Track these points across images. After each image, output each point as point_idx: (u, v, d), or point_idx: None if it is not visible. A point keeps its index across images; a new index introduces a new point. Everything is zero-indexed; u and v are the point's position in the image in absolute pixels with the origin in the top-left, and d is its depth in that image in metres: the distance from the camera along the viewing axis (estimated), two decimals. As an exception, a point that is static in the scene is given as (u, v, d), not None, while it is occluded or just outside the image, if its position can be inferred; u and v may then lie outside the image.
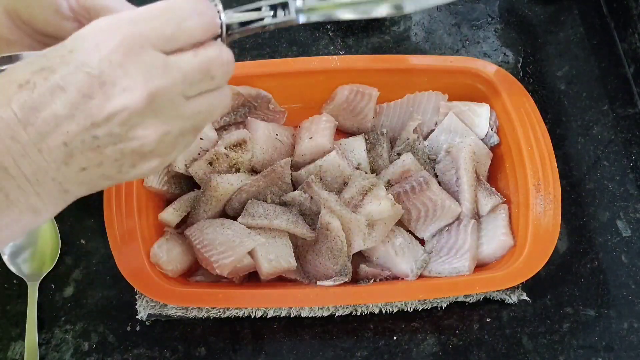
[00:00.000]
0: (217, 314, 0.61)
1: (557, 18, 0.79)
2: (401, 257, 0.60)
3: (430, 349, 0.62)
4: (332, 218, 0.58)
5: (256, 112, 0.68)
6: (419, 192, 0.62)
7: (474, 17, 0.79)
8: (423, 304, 0.62)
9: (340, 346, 0.62)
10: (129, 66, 0.30)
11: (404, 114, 0.69)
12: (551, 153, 0.62)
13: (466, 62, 0.67)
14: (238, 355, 0.61)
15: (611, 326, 0.63)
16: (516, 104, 0.64)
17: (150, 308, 0.61)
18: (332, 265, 0.59)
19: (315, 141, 0.64)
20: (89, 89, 0.30)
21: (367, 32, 0.78)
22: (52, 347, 0.61)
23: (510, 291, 0.63)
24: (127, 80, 0.30)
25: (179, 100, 0.33)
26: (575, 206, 0.68)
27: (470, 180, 0.63)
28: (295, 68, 0.66)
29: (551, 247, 0.59)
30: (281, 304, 0.60)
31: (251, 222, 0.59)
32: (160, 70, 0.31)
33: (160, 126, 0.32)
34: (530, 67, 0.76)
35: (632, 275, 0.65)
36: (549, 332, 0.63)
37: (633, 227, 0.68)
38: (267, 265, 0.57)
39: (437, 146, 0.67)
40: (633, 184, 0.70)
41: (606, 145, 0.72)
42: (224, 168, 0.63)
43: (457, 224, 0.63)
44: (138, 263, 0.58)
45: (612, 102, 0.74)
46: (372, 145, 0.67)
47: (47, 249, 0.64)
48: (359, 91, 0.67)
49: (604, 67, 0.76)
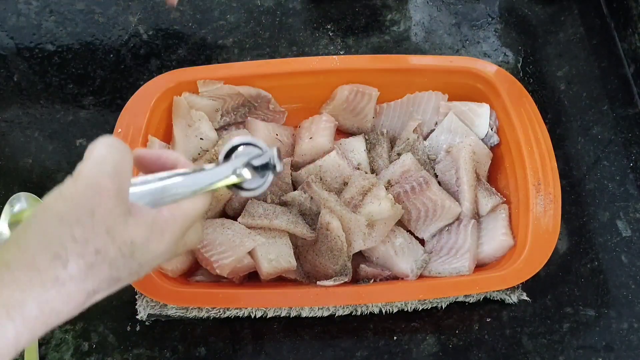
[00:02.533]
0: (217, 314, 0.61)
1: (557, 18, 0.79)
2: (401, 257, 0.60)
3: (430, 349, 0.62)
4: (332, 218, 0.58)
5: (256, 112, 0.68)
6: (419, 192, 0.62)
7: (474, 17, 0.80)
8: (423, 304, 0.62)
9: (340, 346, 0.62)
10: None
11: (404, 114, 0.69)
12: (551, 153, 0.62)
13: (466, 62, 0.67)
14: (238, 355, 0.61)
15: (611, 326, 0.63)
16: (516, 104, 0.64)
17: (150, 308, 0.61)
18: (332, 265, 0.59)
19: (315, 141, 0.64)
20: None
21: (367, 32, 0.78)
22: (52, 347, 0.61)
23: (510, 291, 0.63)
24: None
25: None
26: (575, 206, 0.68)
27: (470, 180, 0.63)
28: (295, 68, 0.66)
29: (551, 247, 0.59)
30: (281, 304, 0.59)
31: (251, 222, 0.59)
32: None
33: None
34: (530, 67, 0.76)
35: (632, 275, 0.65)
36: (549, 332, 0.63)
37: (633, 227, 0.68)
38: (267, 265, 0.57)
39: (437, 146, 0.67)
40: (633, 184, 0.70)
41: (606, 145, 0.72)
42: (224, 168, 0.63)
43: (457, 224, 0.63)
44: (138, 263, 0.57)
45: (612, 102, 0.74)
46: (372, 145, 0.67)
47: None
48: (359, 91, 0.67)
49: (604, 67, 0.76)
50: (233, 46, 0.76)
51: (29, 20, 0.76)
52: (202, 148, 0.63)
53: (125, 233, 0.34)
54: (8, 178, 0.68)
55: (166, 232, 0.36)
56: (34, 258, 0.31)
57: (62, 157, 0.70)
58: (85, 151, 0.36)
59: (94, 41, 0.75)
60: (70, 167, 0.69)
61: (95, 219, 0.33)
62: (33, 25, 0.76)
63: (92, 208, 0.33)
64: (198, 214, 0.40)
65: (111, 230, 0.33)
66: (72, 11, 0.77)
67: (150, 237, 0.35)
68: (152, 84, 0.63)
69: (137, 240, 0.34)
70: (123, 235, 0.34)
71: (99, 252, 0.33)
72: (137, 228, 0.35)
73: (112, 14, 0.77)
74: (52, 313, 0.32)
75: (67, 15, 0.77)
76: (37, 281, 0.31)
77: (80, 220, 0.32)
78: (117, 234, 0.33)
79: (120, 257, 0.34)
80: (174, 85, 0.63)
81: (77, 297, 0.33)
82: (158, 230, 0.36)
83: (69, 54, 0.75)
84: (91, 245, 0.32)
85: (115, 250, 0.33)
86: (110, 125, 0.70)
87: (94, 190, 0.33)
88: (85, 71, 0.74)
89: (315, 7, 0.79)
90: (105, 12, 0.77)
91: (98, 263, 0.33)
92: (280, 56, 0.76)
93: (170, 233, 0.37)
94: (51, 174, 0.69)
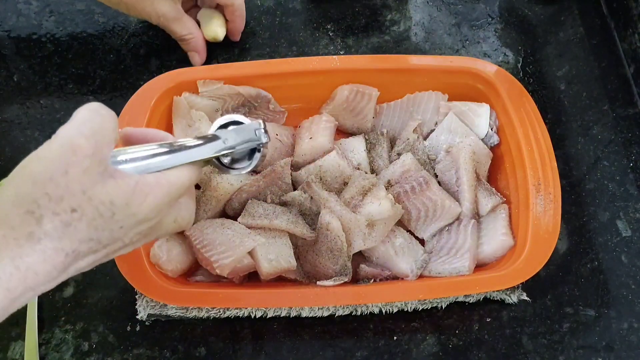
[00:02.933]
0: (217, 314, 0.61)
1: (557, 18, 0.79)
2: (401, 257, 0.60)
3: (430, 349, 0.62)
4: (332, 218, 0.58)
5: (256, 112, 0.68)
6: (419, 192, 0.62)
7: (474, 17, 0.79)
8: (423, 304, 0.62)
9: (340, 346, 0.62)
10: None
11: (404, 114, 0.69)
12: (551, 153, 0.62)
13: (466, 62, 0.67)
14: (238, 355, 0.61)
15: (611, 326, 0.63)
16: (516, 104, 0.64)
17: (150, 308, 0.61)
18: (332, 265, 0.59)
19: (315, 141, 0.64)
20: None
21: (367, 32, 0.78)
22: (52, 347, 0.61)
23: (510, 291, 0.63)
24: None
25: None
26: (575, 206, 0.68)
27: (470, 180, 0.63)
28: (295, 68, 0.66)
29: (551, 247, 0.59)
30: (281, 304, 0.60)
31: (251, 222, 0.59)
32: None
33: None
34: (530, 67, 0.76)
35: (632, 275, 0.65)
36: (549, 332, 0.63)
37: (633, 227, 0.68)
38: (267, 265, 0.57)
39: (437, 146, 0.67)
40: (633, 184, 0.70)
41: (606, 145, 0.72)
42: (224, 168, 0.63)
43: (457, 224, 0.63)
44: (138, 263, 0.58)
45: (612, 102, 0.74)
46: (372, 145, 0.67)
47: (47, 249, 0.64)
48: (359, 91, 0.67)
49: (604, 67, 0.76)
50: (233, 46, 0.76)
51: (29, 20, 0.76)
52: (202, 148, 0.63)
53: (104, 193, 0.33)
54: (8, 178, 0.68)
55: (149, 195, 0.36)
56: (7, 215, 0.32)
57: (62, 157, 0.70)
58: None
59: (94, 41, 0.75)
60: (70, 167, 0.70)
61: (69, 177, 0.32)
62: (33, 25, 0.76)
63: (66, 167, 0.33)
64: (184, 183, 0.39)
65: (87, 190, 0.33)
66: (72, 11, 0.77)
67: (131, 200, 0.35)
68: (152, 84, 0.63)
69: (116, 201, 0.34)
70: (101, 196, 0.33)
71: (74, 211, 0.32)
72: (117, 189, 0.34)
73: (112, 14, 0.77)
74: (29, 272, 0.32)
75: (67, 15, 0.77)
76: (10, 237, 0.31)
77: (53, 179, 0.32)
78: (94, 194, 0.33)
79: (99, 217, 0.33)
80: (174, 85, 0.63)
81: (54, 256, 0.32)
82: (140, 193, 0.36)
83: (69, 54, 0.75)
84: (66, 203, 0.32)
85: (92, 209, 0.33)
86: (110, 125, 0.70)
87: (68, 150, 0.33)
88: (85, 71, 0.74)
89: (315, 7, 0.79)
90: (105, 12, 0.77)
91: (75, 221, 0.33)
92: (280, 56, 0.76)
93: (153, 197, 0.36)
94: (51, 174, 0.69)
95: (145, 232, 0.38)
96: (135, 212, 0.35)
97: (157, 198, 0.37)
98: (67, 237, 0.33)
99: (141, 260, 0.58)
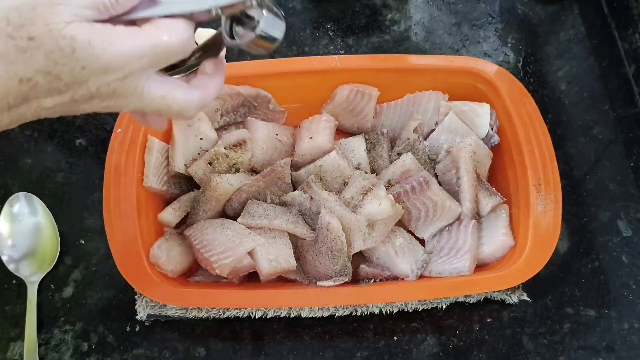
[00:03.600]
0: (217, 314, 0.61)
1: (558, 18, 0.79)
2: (401, 257, 0.60)
3: (431, 350, 0.62)
4: (332, 218, 0.58)
5: (256, 112, 0.68)
6: (419, 192, 0.61)
7: (475, 16, 0.79)
8: (423, 304, 0.62)
9: (340, 347, 0.62)
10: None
11: (404, 114, 0.68)
12: (552, 153, 0.62)
13: (467, 61, 0.67)
14: (238, 355, 0.61)
15: (612, 326, 0.63)
16: (517, 104, 0.64)
17: (150, 308, 0.61)
18: (332, 266, 0.59)
19: (315, 141, 0.64)
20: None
21: (367, 32, 0.78)
22: (52, 347, 0.61)
23: (510, 291, 0.63)
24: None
25: None
26: (576, 206, 0.68)
27: (471, 180, 0.63)
28: (295, 68, 0.66)
29: (552, 248, 0.58)
30: (281, 304, 0.59)
31: (251, 222, 0.59)
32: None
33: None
34: (530, 67, 0.76)
35: (633, 276, 0.65)
36: (550, 332, 0.63)
37: (634, 227, 0.67)
38: (267, 265, 0.57)
39: (437, 146, 0.67)
40: (634, 184, 0.70)
41: (607, 145, 0.72)
42: (224, 168, 0.63)
43: (457, 224, 0.63)
44: (138, 263, 0.57)
45: (612, 102, 0.74)
46: (372, 145, 0.67)
47: (46, 249, 0.64)
48: (359, 91, 0.67)
49: (605, 66, 0.76)
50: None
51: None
52: (202, 148, 0.63)
53: (66, 29, 0.33)
54: (8, 178, 0.68)
55: (117, 42, 0.35)
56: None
57: (61, 157, 0.70)
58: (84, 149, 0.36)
59: (93, 41, 0.75)
60: (70, 167, 0.69)
61: (35, 12, 0.33)
62: (33, 25, 0.76)
63: (35, 4, 0.33)
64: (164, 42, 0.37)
65: (49, 24, 0.33)
66: (71, 11, 0.77)
67: (95, 39, 0.34)
68: (151, 84, 0.63)
69: (78, 37, 0.33)
70: (62, 30, 0.33)
71: (32, 39, 0.33)
72: (81, 28, 0.34)
73: (111, 14, 0.77)
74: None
75: (66, 15, 0.77)
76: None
77: (19, 9, 0.33)
78: (56, 28, 0.33)
79: (58, 51, 0.33)
80: (173, 85, 0.63)
81: (7, 79, 0.33)
82: (107, 36, 0.35)
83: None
84: (24, 30, 0.33)
85: (51, 41, 0.33)
86: (110, 125, 0.70)
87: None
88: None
89: (315, 6, 0.79)
90: (105, 11, 0.77)
91: (31, 49, 0.33)
92: (280, 56, 0.76)
93: (121, 45, 0.35)
94: (51, 173, 0.69)
95: (114, 86, 0.37)
96: (98, 55, 0.34)
97: (125, 47, 0.35)
98: (21, 62, 0.33)
99: (141, 260, 0.58)
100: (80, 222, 0.67)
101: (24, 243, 0.64)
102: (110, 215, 0.58)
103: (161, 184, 0.62)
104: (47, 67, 0.33)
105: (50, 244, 0.65)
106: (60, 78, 0.34)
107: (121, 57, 0.35)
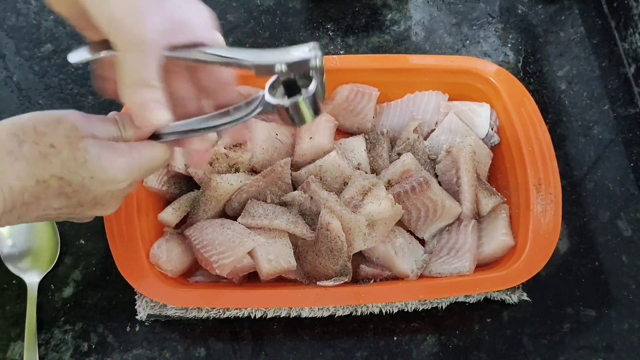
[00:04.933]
0: (217, 314, 0.61)
1: (558, 18, 0.79)
2: (401, 257, 0.60)
3: (431, 349, 0.62)
4: (332, 218, 0.58)
5: (256, 112, 0.68)
6: (419, 192, 0.61)
7: (475, 16, 0.79)
8: (423, 304, 0.62)
9: (340, 346, 0.62)
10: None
11: (404, 114, 0.68)
12: (552, 153, 0.62)
13: (467, 61, 0.67)
14: (238, 355, 0.61)
15: (612, 326, 0.63)
16: (517, 104, 0.64)
17: (149, 308, 0.61)
18: (332, 266, 0.59)
19: (315, 141, 0.64)
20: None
21: (367, 32, 0.78)
22: (52, 347, 0.61)
23: (510, 291, 0.63)
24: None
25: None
26: (576, 206, 0.68)
27: (471, 180, 0.63)
28: (295, 68, 0.66)
29: (552, 247, 0.58)
30: (281, 304, 0.59)
31: (251, 222, 0.59)
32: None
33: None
34: (530, 67, 0.76)
35: (633, 276, 0.65)
36: (550, 332, 0.63)
37: (634, 227, 0.67)
38: (267, 265, 0.57)
39: (437, 146, 0.67)
40: (634, 184, 0.70)
41: (607, 145, 0.72)
42: (224, 168, 0.63)
43: (457, 224, 0.63)
44: (138, 263, 0.57)
45: (612, 102, 0.74)
46: (372, 145, 0.67)
47: (46, 250, 0.64)
48: (359, 91, 0.67)
49: (605, 66, 0.76)
50: (233, 46, 0.76)
51: (28, 19, 0.76)
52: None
53: (82, 142, 0.39)
54: (7, 178, 0.68)
55: (121, 158, 0.41)
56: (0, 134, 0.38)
57: (61, 157, 0.70)
58: None
59: (93, 41, 0.75)
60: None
61: (59, 126, 0.39)
62: (32, 24, 0.76)
63: (60, 119, 0.39)
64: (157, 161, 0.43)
65: (69, 137, 0.39)
66: (71, 11, 0.77)
67: (103, 154, 0.40)
68: (151, 84, 0.63)
69: (90, 150, 0.39)
70: (79, 143, 0.39)
71: (53, 147, 0.38)
72: (94, 143, 0.39)
73: (111, 14, 0.77)
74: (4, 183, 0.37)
75: (66, 15, 0.77)
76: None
77: (45, 121, 0.39)
78: (73, 140, 0.39)
79: (73, 160, 0.38)
80: (173, 85, 0.63)
81: (27, 178, 0.38)
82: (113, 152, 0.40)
83: (69, 53, 0.74)
84: (48, 139, 0.38)
85: (68, 151, 0.38)
86: (110, 125, 0.70)
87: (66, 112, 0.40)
88: (85, 71, 0.74)
89: (315, 6, 0.79)
90: (105, 11, 0.77)
91: (51, 155, 0.38)
92: (280, 56, 0.76)
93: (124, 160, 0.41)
94: (51, 174, 0.69)
95: (117, 194, 0.43)
96: (105, 167, 0.40)
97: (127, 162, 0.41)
98: (41, 166, 0.38)
99: (141, 260, 0.58)
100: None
101: (24, 243, 0.64)
102: (110, 215, 0.58)
103: (161, 184, 0.62)
104: (61, 173, 0.38)
105: (50, 243, 0.65)
106: (70, 184, 0.39)
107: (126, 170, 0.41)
